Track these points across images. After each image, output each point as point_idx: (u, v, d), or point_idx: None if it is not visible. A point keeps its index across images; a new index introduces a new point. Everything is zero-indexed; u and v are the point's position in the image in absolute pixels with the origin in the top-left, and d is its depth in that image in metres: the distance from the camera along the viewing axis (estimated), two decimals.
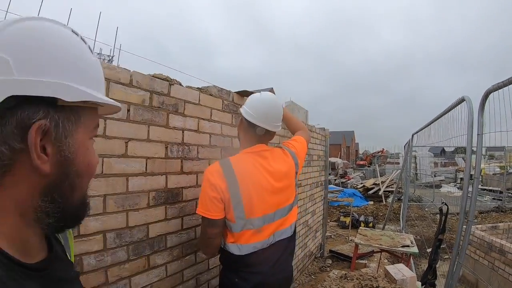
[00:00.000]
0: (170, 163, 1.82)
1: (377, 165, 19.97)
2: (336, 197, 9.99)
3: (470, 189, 3.09)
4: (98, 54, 19.05)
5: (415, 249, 3.98)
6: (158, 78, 1.74)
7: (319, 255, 5.52)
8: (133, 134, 1.58)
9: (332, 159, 20.89)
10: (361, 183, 15.81)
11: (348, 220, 7.87)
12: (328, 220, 8.84)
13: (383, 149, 41.90)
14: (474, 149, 3.17)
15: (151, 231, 1.70)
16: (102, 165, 1.43)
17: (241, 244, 1.59)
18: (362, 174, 21.04)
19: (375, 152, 41.77)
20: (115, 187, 1.49)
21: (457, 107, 3.56)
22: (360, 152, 69.12)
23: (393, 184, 13.40)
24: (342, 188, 13.45)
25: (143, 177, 1.64)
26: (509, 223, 6.38)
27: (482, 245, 5.08)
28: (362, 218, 8.32)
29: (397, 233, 4.89)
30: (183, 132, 1.91)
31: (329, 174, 18.40)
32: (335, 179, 17.83)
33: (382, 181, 14.28)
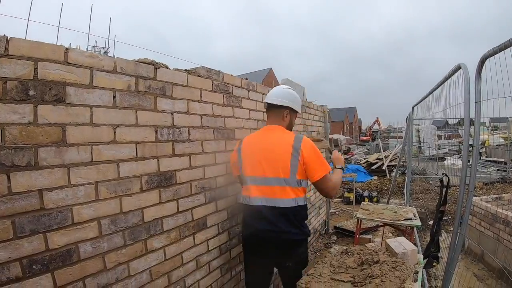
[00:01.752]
0: (161, 147, 1.84)
1: (380, 139, 20.00)
2: None
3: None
4: (93, 47, 18.92)
5: (417, 222, 3.99)
6: (143, 62, 1.75)
7: (323, 232, 5.61)
8: (121, 120, 1.59)
9: (335, 136, 20.93)
10: (365, 159, 15.87)
11: (352, 195, 7.93)
12: None
13: (377, 118, 41.80)
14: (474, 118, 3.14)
15: (146, 215, 1.74)
16: (91, 152, 1.45)
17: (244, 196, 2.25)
18: (365, 150, 21.08)
19: (372, 124, 41.74)
20: (106, 173, 1.52)
21: (454, 75, 3.52)
22: (363, 128, 69.12)
23: (396, 159, 13.45)
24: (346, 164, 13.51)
25: (134, 162, 1.66)
26: None
27: (487, 216, 5.12)
28: (366, 193, 8.39)
29: (400, 206, 4.93)
30: (172, 114, 1.93)
31: (333, 150, 18.47)
32: None
33: (385, 156, 14.32)
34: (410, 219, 4.04)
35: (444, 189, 3.69)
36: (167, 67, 1.92)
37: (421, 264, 3.27)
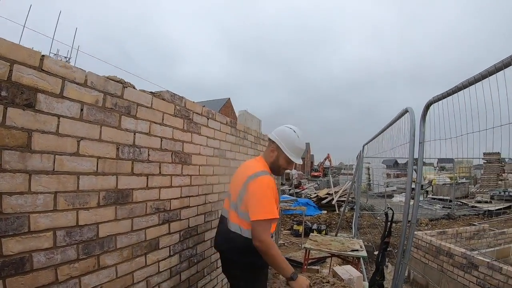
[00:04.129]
0: (121, 164, 1.90)
1: (330, 175, 20.68)
2: (290, 206, 10.28)
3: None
4: (55, 55, 18.36)
5: (363, 253, 4.20)
6: (112, 80, 1.84)
7: None
8: (86, 133, 1.66)
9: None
10: (315, 193, 16.33)
11: (301, 228, 8.16)
12: (282, 229, 9.08)
13: (328, 154, 43.55)
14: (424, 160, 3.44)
15: (101, 231, 1.77)
16: (54, 162, 1.50)
17: None
18: (316, 185, 21.71)
19: (323, 160, 43.39)
20: (66, 185, 1.56)
21: (402, 117, 3.87)
22: (315, 164, 71.44)
23: (346, 194, 13.99)
24: (296, 198, 13.84)
25: (94, 177, 1.72)
26: (457, 228, 6.92)
27: (431, 249, 5.49)
28: (315, 226, 8.64)
29: (347, 238, 5.16)
30: (134, 134, 2.01)
31: (284, 184, 18.86)
32: (290, 189, 18.26)
33: (335, 191, 14.84)
34: (357, 250, 4.25)
35: (389, 222, 3.98)
36: (134, 87, 2.02)
37: None
